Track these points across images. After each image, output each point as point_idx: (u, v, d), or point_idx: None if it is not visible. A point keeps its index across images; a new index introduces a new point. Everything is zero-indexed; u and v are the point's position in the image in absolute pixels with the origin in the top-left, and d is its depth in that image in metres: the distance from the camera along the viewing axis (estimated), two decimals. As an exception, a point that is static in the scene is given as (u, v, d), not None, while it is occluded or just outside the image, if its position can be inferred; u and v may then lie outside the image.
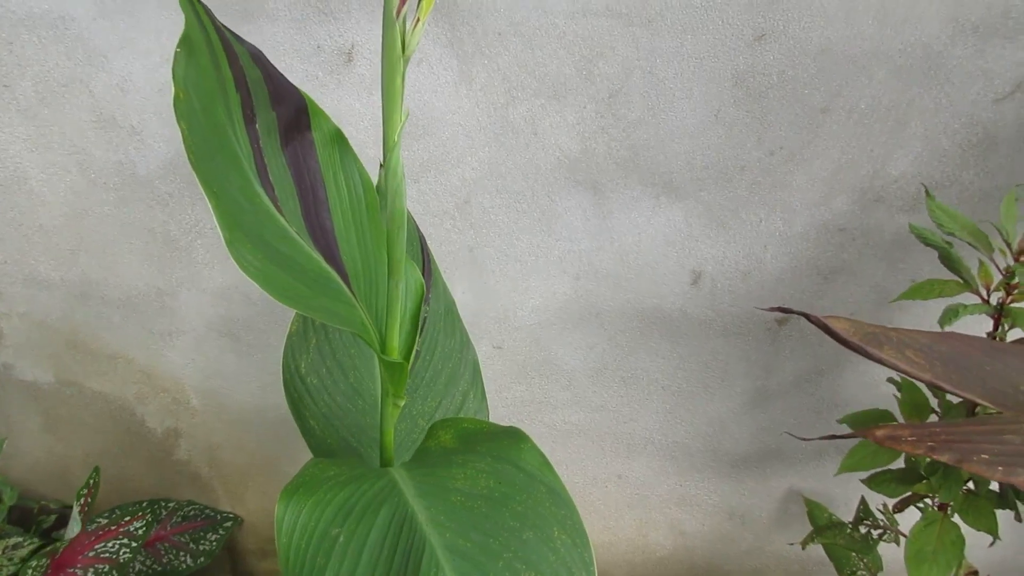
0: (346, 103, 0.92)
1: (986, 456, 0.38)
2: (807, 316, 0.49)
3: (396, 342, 0.61)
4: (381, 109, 0.52)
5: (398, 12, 0.46)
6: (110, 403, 1.20)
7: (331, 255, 0.61)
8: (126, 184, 1.00)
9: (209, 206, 0.46)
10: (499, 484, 0.57)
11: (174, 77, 0.48)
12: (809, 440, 0.58)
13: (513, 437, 0.59)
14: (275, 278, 0.50)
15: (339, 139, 0.62)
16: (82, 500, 1.03)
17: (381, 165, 0.84)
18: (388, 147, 0.52)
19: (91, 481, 1.05)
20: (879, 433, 0.42)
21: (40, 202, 1.02)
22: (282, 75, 0.58)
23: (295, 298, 0.51)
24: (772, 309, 0.51)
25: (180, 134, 0.45)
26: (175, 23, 0.89)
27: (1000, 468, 0.37)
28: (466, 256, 1.01)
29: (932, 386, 0.47)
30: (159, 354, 1.14)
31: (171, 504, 1.23)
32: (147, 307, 1.09)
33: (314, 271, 0.57)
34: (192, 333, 1.11)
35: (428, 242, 0.96)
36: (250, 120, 0.56)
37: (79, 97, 0.94)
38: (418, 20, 0.46)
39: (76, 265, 1.06)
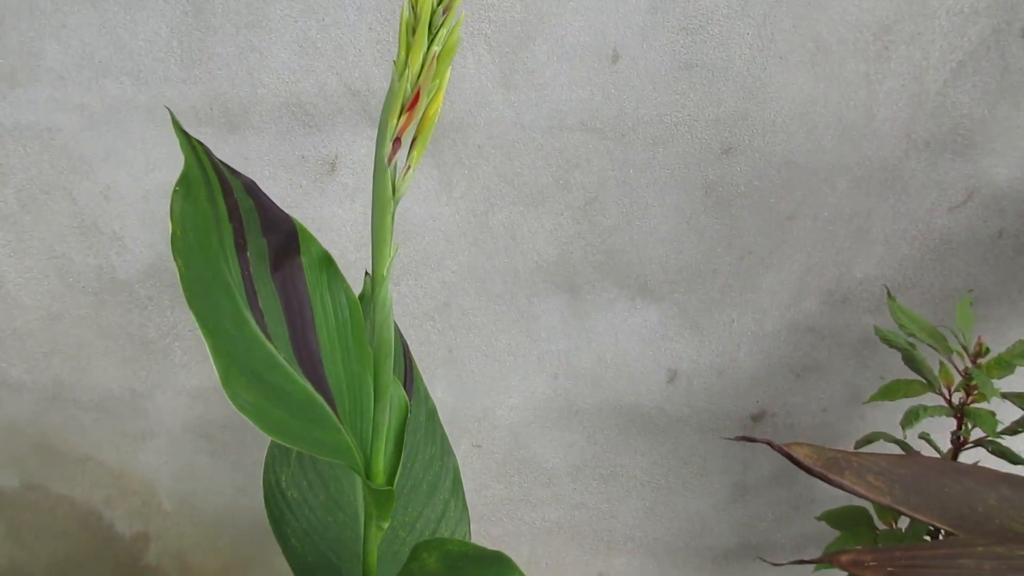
0: (329, 210, 0.94)
1: None
2: (770, 444, 0.51)
3: (381, 465, 0.61)
4: (371, 244, 0.54)
5: (389, 159, 0.48)
6: (77, 507, 1.16)
7: (317, 377, 0.61)
8: (105, 288, 1.00)
9: (205, 345, 0.47)
10: (486, 615, 0.57)
11: (171, 215, 0.50)
12: (780, 565, 0.59)
13: (500, 564, 0.59)
14: (267, 413, 0.51)
15: (327, 262, 0.63)
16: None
17: (367, 273, 0.86)
18: (377, 280, 0.54)
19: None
20: (844, 559, 0.43)
21: (15, 306, 1.01)
22: (274, 204, 0.60)
23: (286, 433, 0.52)
24: (738, 439, 0.52)
25: (168, 242, 0.46)
26: (161, 134, 0.91)
27: None
28: (446, 356, 1.02)
29: (893, 511, 0.49)
30: (131, 456, 1.11)
31: (137, 612, 1.18)
32: (120, 409, 1.08)
33: (301, 398, 0.58)
34: (166, 435, 1.09)
35: (409, 344, 0.97)
36: (241, 248, 0.58)
37: (61, 204, 0.95)
38: (408, 168, 0.49)
39: (49, 368, 1.05)
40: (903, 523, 0.87)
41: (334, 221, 0.95)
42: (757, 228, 0.93)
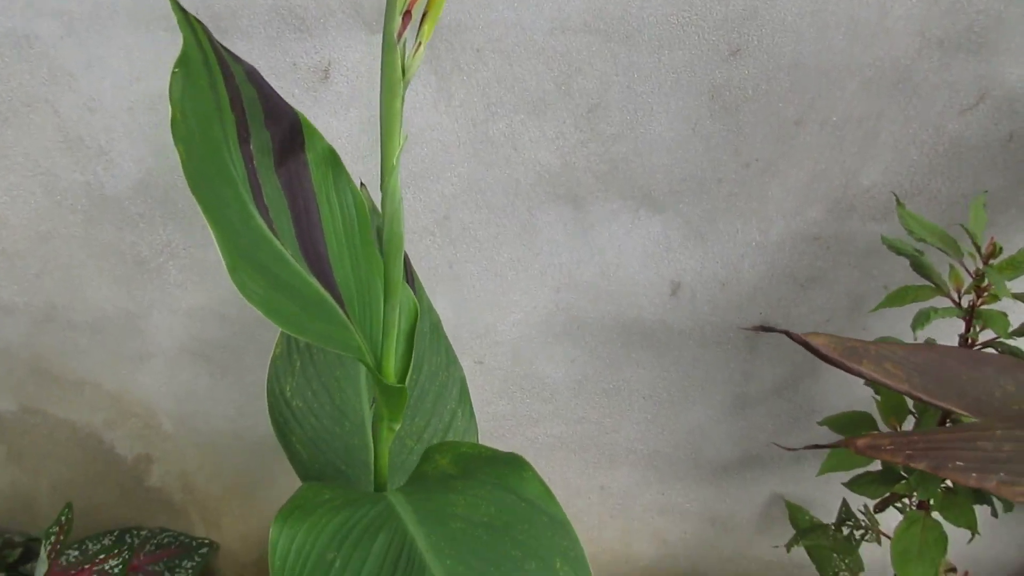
0: (323, 120, 0.91)
1: (961, 463, 0.39)
2: (788, 334, 0.50)
3: (392, 365, 0.60)
4: (379, 131, 0.51)
5: (399, 35, 0.46)
6: (77, 430, 1.16)
7: (326, 278, 0.60)
8: (94, 205, 0.97)
9: (211, 233, 0.45)
10: (500, 512, 0.57)
11: (171, 99, 0.47)
12: (793, 450, 0.59)
13: (514, 465, 0.58)
14: (277, 305, 0.49)
15: (332, 159, 0.61)
16: (52, 539, 0.99)
17: (362, 184, 0.83)
18: (387, 170, 0.52)
19: (62, 518, 1.01)
20: (860, 443, 0.43)
21: (3, 225, 0.98)
22: (277, 94, 0.57)
23: (296, 324, 0.50)
24: (754, 328, 0.52)
25: (157, 156, 0.44)
26: (145, 40, 0.87)
27: (974, 474, 0.38)
28: (447, 272, 1.00)
29: (911, 397, 0.48)
30: (129, 378, 1.10)
31: (143, 532, 1.19)
32: (116, 330, 1.06)
33: (311, 295, 0.56)
34: (163, 356, 1.08)
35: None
36: (244, 140, 0.55)
37: (44, 117, 0.91)
38: (419, 44, 0.46)
39: (41, 289, 1.03)
40: (907, 426, 0.88)
41: (329, 132, 0.92)
42: (764, 134, 0.91)
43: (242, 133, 0.54)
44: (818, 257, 0.98)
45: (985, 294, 0.80)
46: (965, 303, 0.82)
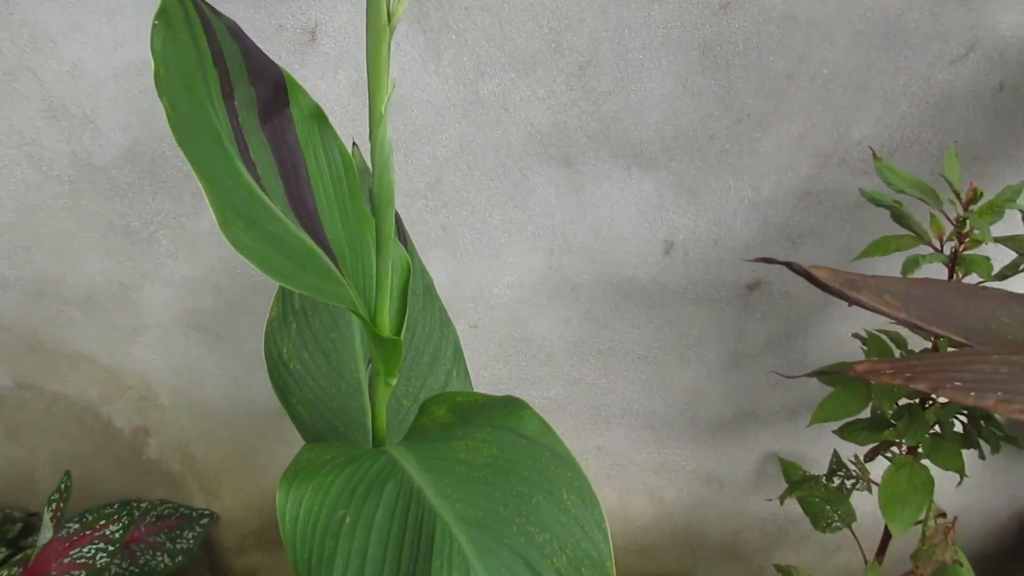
0: (311, 83, 0.90)
1: (959, 383, 0.40)
2: (790, 265, 0.51)
3: (387, 319, 0.61)
4: (367, 82, 0.51)
5: (385, -21, 0.45)
6: (73, 404, 1.16)
7: (317, 234, 0.59)
8: (81, 176, 0.96)
9: (201, 188, 0.45)
10: (502, 452, 0.57)
11: (153, 52, 0.46)
12: (795, 377, 0.60)
13: (512, 406, 0.59)
14: (268, 258, 0.49)
15: (318, 115, 0.61)
16: (53, 506, 1.00)
17: (354, 144, 0.83)
18: (375, 120, 0.51)
19: (62, 486, 1.02)
20: (860, 368, 0.43)
21: (-11, 198, 0.97)
22: (260, 50, 0.56)
23: (288, 277, 0.50)
24: (757, 260, 0.52)
25: (144, 123, 0.44)
26: (128, 4, 0.85)
27: (972, 393, 0.39)
28: (439, 236, 1.00)
29: (908, 325, 0.49)
30: (124, 351, 1.10)
31: (144, 504, 1.20)
32: (109, 303, 1.06)
33: (303, 250, 0.56)
34: (158, 328, 1.08)
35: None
36: (228, 96, 0.54)
37: (27, 85, 0.90)
38: (406, -13, 0.45)
39: (31, 263, 1.02)
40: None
41: (316, 95, 0.91)
42: (755, 89, 0.90)
43: (226, 88, 0.53)
44: (810, 212, 0.98)
45: (967, 240, 0.80)
46: (947, 251, 0.82)
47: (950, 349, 0.84)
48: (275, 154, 0.58)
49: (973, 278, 0.81)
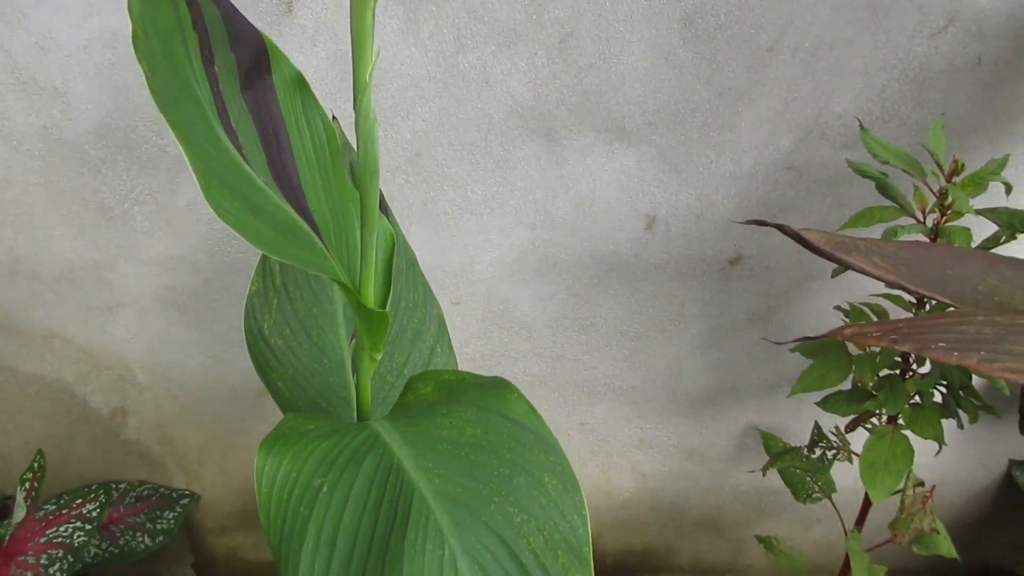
0: (289, 55, 0.88)
1: (943, 344, 0.40)
2: (781, 228, 0.50)
3: (372, 291, 0.60)
4: (348, 53, 0.50)
5: (368, -60, 0.44)
6: (48, 385, 1.14)
7: (300, 206, 0.58)
8: (52, 151, 0.94)
9: (182, 152, 0.44)
10: (486, 433, 0.57)
11: (131, 14, 0.45)
12: (783, 344, 0.60)
13: (499, 388, 0.59)
14: (251, 226, 0.48)
15: (300, 84, 0.59)
16: (27, 484, 0.98)
17: (333, 117, 0.82)
18: (359, 87, 0.50)
19: (35, 464, 1.00)
20: (847, 331, 0.44)
21: (-43, 174, 0.95)
22: (240, 14, 0.55)
23: (271, 245, 0.49)
24: (749, 222, 0.52)
25: (116, 96, 0.42)
26: (98, -27, 0.83)
27: (956, 353, 0.39)
28: (420, 211, 0.99)
29: (898, 287, 0.49)
30: (100, 330, 1.08)
31: (123, 485, 1.19)
32: (83, 281, 1.04)
33: (286, 221, 0.55)
34: (135, 306, 1.06)
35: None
36: (208, 61, 0.53)
37: (-6, 57, 0.87)
38: (390, -53, 0.44)
39: (2, 240, 1.00)
40: (874, 349, 0.90)
41: (295, 68, 0.89)
42: (736, 62, 0.90)
43: (205, 53, 0.52)
44: (791, 187, 0.98)
45: (949, 211, 0.81)
46: (930, 222, 0.83)
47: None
48: (257, 123, 0.57)
49: (952, 249, 0.82)
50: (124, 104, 0.91)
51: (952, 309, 0.46)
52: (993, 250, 0.79)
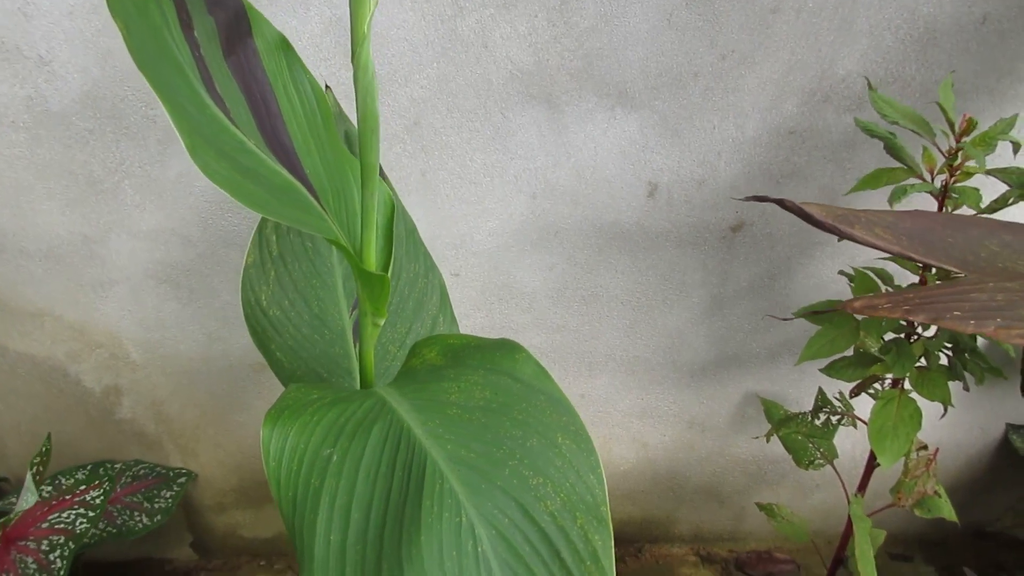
0: (281, 20, 0.86)
1: (958, 313, 0.39)
2: (781, 203, 0.50)
3: (372, 255, 0.58)
4: (344, 15, 0.48)
5: None
6: (39, 364, 1.12)
7: (295, 170, 0.57)
8: (38, 122, 0.91)
9: (165, 112, 0.42)
10: (496, 395, 0.56)
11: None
12: (787, 319, 0.59)
13: (506, 349, 0.57)
14: (242, 187, 0.46)
15: (284, 46, 0.57)
16: (35, 469, 0.97)
17: (327, 87, 0.79)
18: (357, 39, 0.48)
19: (44, 448, 0.98)
20: (857, 304, 0.43)
21: (-61, 147, 0.92)
22: (223, -30, 0.53)
23: (264, 206, 0.47)
24: (749, 199, 0.50)
25: (103, 65, 0.40)
26: (80, -66, 0.80)
27: (972, 322, 0.38)
28: (419, 181, 0.97)
29: (901, 256, 0.48)
30: (91, 307, 1.06)
31: (118, 465, 1.17)
32: (73, 257, 1.01)
33: (280, 183, 0.53)
34: (127, 282, 1.04)
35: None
36: (187, 26, 0.51)
37: (-26, 24, 0.84)
38: None
39: (-12, 216, 0.97)
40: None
41: (288, 35, 0.87)
42: (740, 24, 0.88)
43: (183, 17, 0.50)
44: (794, 151, 0.97)
45: (958, 172, 0.80)
46: (938, 184, 0.82)
47: (938, 282, 0.84)
48: (243, 88, 0.55)
49: (963, 211, 0.81)
50: (111, 73, 0.88)
51: (959, 276, 0.45)
52: (999, 212, 0.78)
